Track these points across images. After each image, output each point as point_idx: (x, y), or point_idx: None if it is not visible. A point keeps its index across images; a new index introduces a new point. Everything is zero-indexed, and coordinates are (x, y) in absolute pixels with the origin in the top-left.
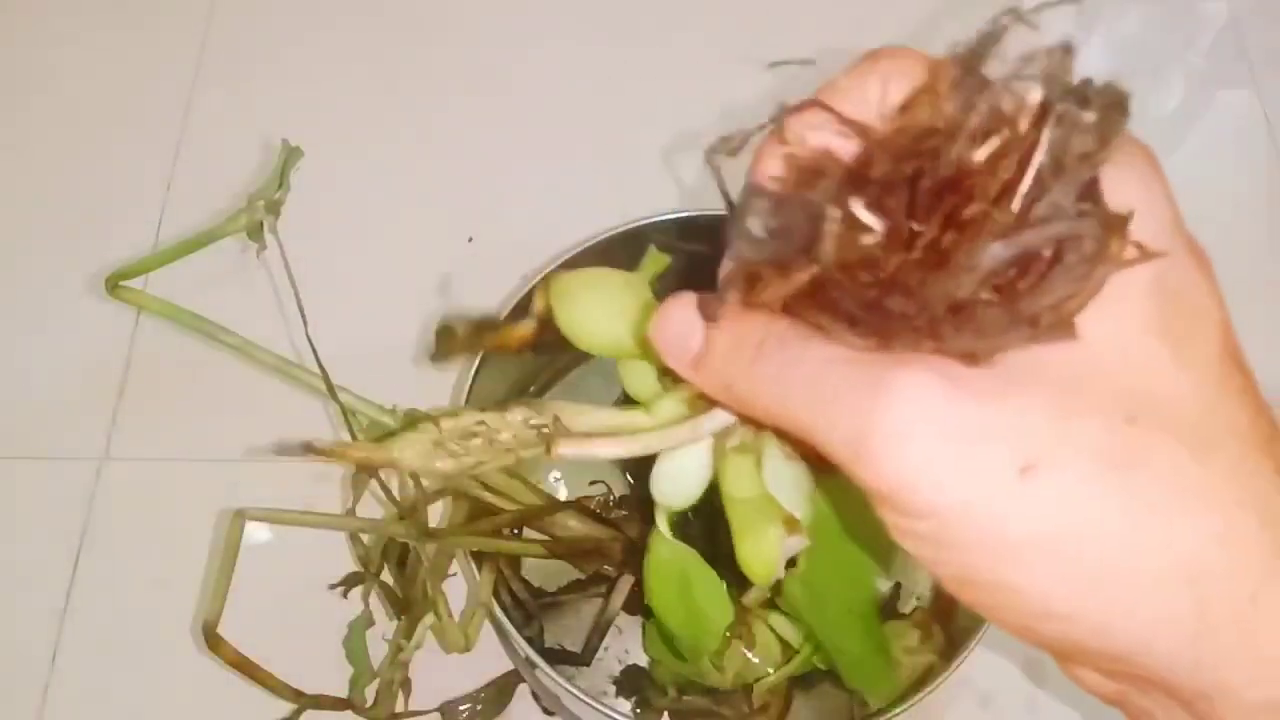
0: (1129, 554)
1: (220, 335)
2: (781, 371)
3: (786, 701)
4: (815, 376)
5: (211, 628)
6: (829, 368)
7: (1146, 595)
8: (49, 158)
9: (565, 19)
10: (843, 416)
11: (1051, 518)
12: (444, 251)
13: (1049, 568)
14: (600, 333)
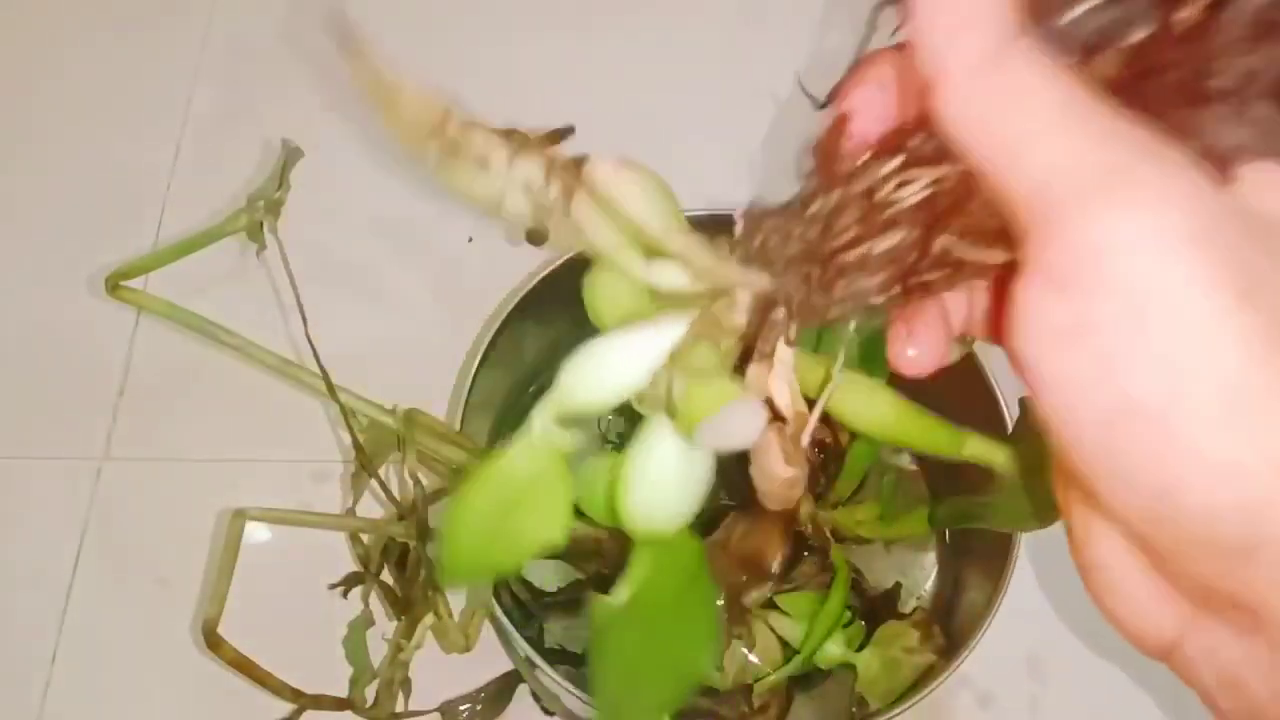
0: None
1: (220, 335)
2: (1011, 101)
3: (786, 701)
4: (1071, 115)
5: (211, 628)
6: (1089, 116)
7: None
8: (49, 158)
9: (565, 18)
10: (1073, 167)
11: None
12: (444, 251)
13: (1236, 420)
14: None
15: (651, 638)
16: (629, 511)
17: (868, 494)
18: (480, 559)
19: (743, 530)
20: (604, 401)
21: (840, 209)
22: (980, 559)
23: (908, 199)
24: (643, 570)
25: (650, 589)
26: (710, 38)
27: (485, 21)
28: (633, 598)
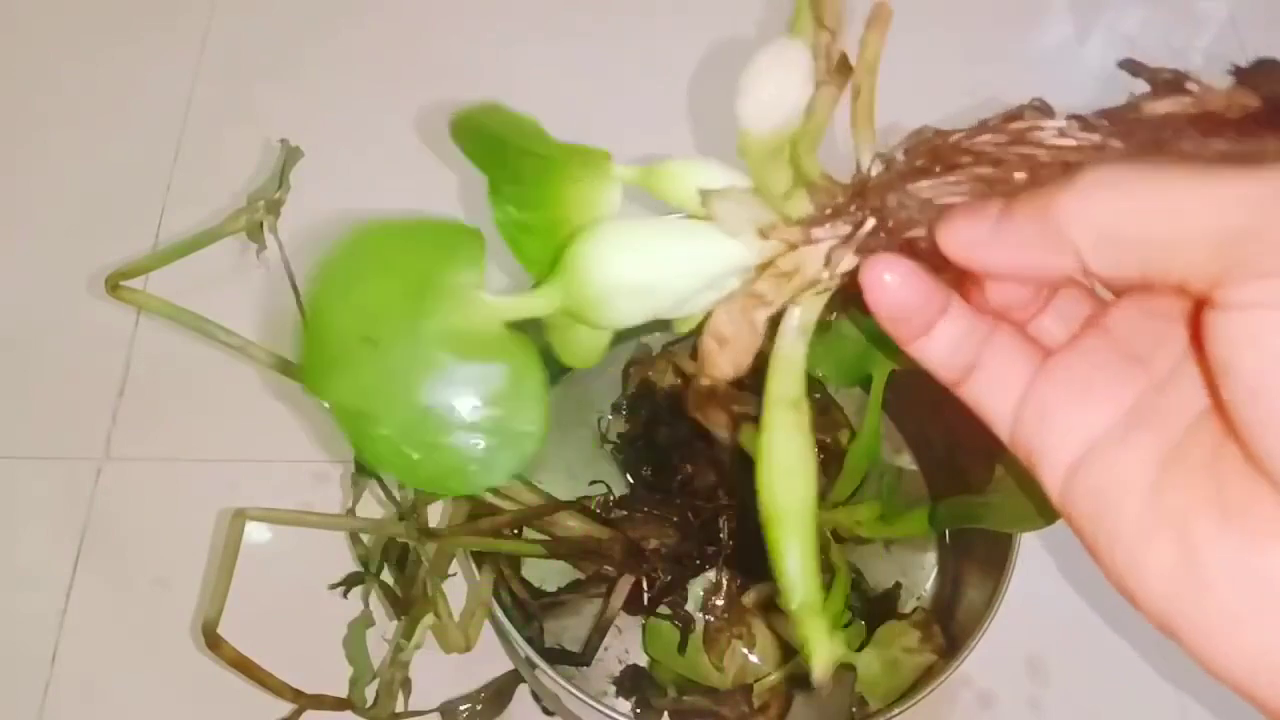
0: None
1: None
2: (1118, 195)
3: (786, 701)
4: (1162, 189)
5: (211, 628)
6: (1178, 178)
7: None
8: (49, 158)
9: (565, 18)
10: (1210, 217)
11: None
12: None
13: None
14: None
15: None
16: (587, 262)
17: (868, 494)
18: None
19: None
20: (643, 298)
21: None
22: (980, 559)
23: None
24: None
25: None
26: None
27: (485, 21)
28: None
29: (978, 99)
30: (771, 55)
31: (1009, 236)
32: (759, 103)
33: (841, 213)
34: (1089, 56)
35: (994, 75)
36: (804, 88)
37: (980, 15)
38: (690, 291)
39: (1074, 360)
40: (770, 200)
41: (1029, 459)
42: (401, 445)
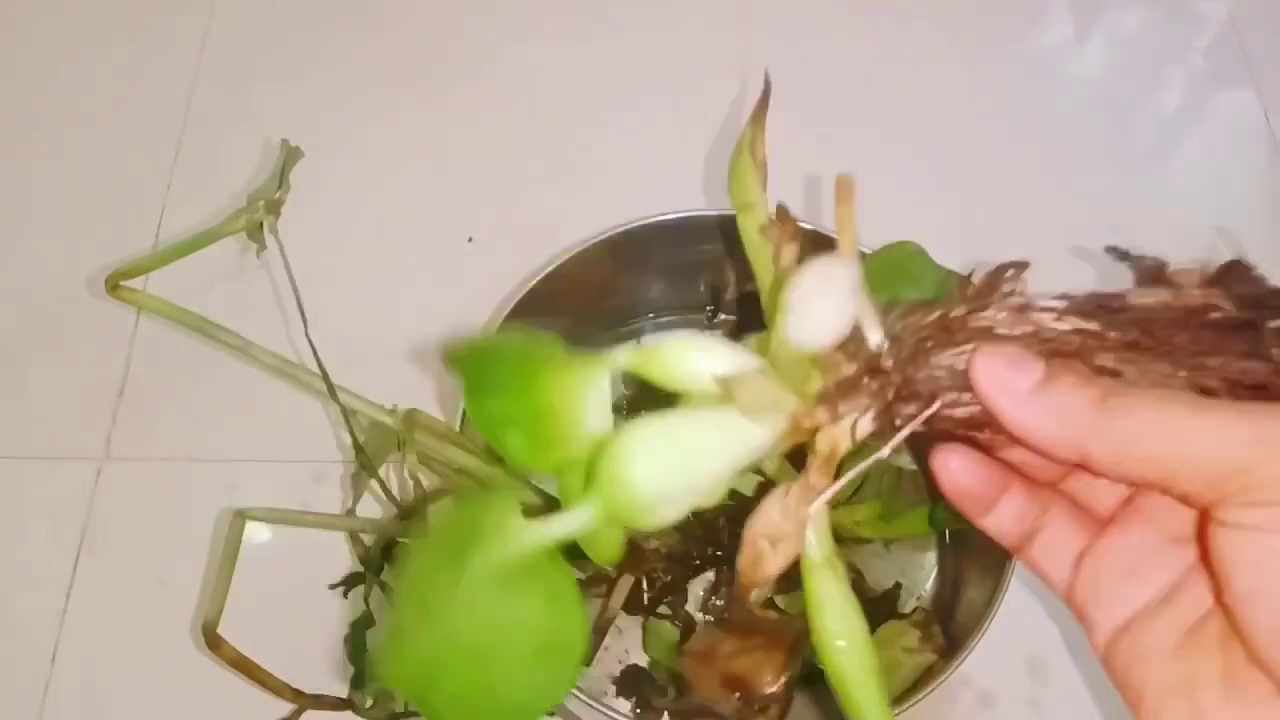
0: None
1: (220, 335)
2: (1134, 423)
3: (786, 701)
4: (1165, 421)
5: (211, 628)
6: (1178, 412)
7: None
8: (49, 158)
9: (565, 18)
10: (1204, 453)
11: None
12: (444, 251)
13: None
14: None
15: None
16: (626, 474)
17: (868, 494)
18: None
19: (731, 648)
20: (682, 497)
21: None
22: (980, 559)
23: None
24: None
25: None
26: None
27: (485, 21)
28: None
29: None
30: (819, 276)
31: (1042, 407)
32: (812, 324)
33: (856, 386)
34: (1089, 56)
35: (994, 75)
36: (851, 303)
37: (980, 15)
38: (724, 477)
39: (1121, 543)
40: (789, 382)
41: (1080, 618)
42: (465, 699)
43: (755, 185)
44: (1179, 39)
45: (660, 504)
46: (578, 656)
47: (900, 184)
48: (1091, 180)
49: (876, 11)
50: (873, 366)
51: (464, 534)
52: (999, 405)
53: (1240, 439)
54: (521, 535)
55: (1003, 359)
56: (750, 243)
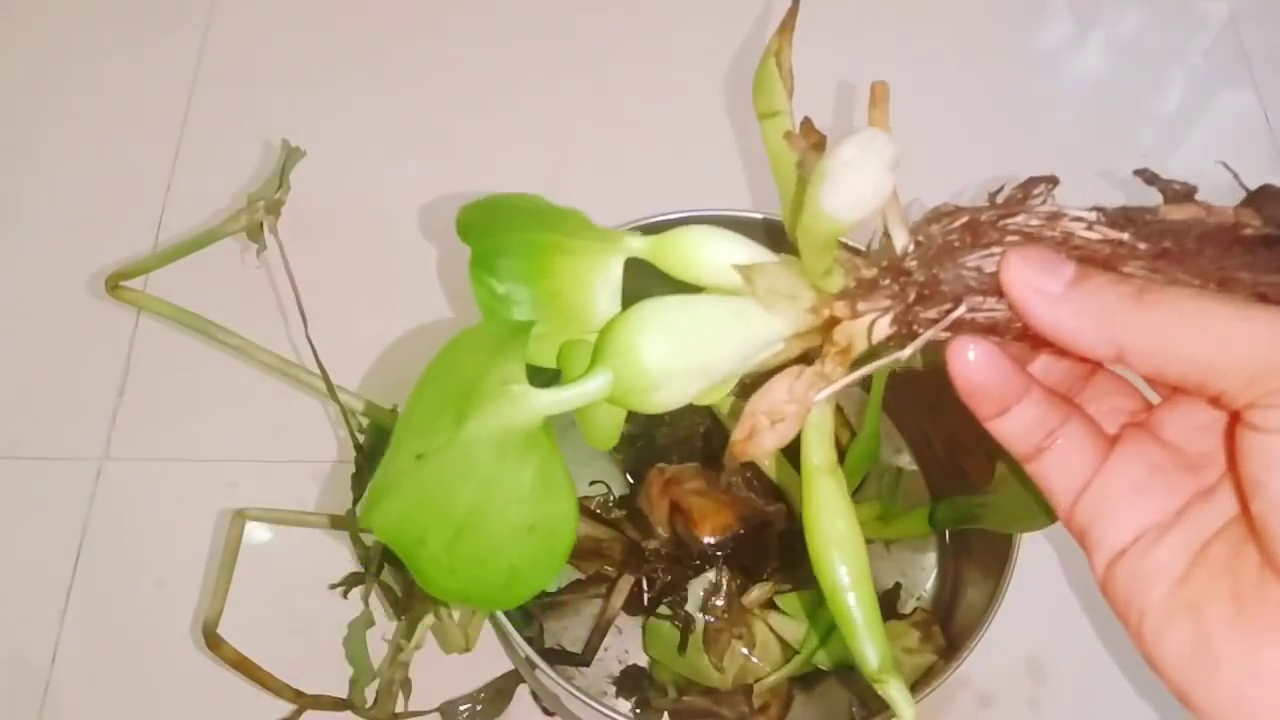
0: None
1: (220, 335)
2: (1174, 316)
3: (786, 701)
4: (1209, 318)
5: (211, 628)
6: (1223, 310)
7: None
8: (49, 158)
9: (564, 18)
10: (1248, 349)
11: None
12: (444, 251)
13: None
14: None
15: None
16: (637, 344)
17: (868, 494)
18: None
19: (697, 485)
20: (690, 378)
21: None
22: (980, 559)
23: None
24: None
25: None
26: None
27: (485, 21)
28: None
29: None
30: (859, 145)
31: (1074, 305)
32: (849, 194)
33: (877, 286)
34: (1089, 56)
35: (994, 75)
36: (890, 177)
37: (980, 15)
38: (734, 369)
39: (1132, 460)
40: (811, 275)
41: (1081, 538)
42: (450, 564)
43: (780, 92)
44: (1179, 39)
45: (668, 381)
46: (566, 544)
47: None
48: (1091, 180)
49: (874, 19)
50: (896, 266)
51: (469, 382)
52: (1031, 305)
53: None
54: (525, 401)
55: (1035, 257)
56: (774, 151)
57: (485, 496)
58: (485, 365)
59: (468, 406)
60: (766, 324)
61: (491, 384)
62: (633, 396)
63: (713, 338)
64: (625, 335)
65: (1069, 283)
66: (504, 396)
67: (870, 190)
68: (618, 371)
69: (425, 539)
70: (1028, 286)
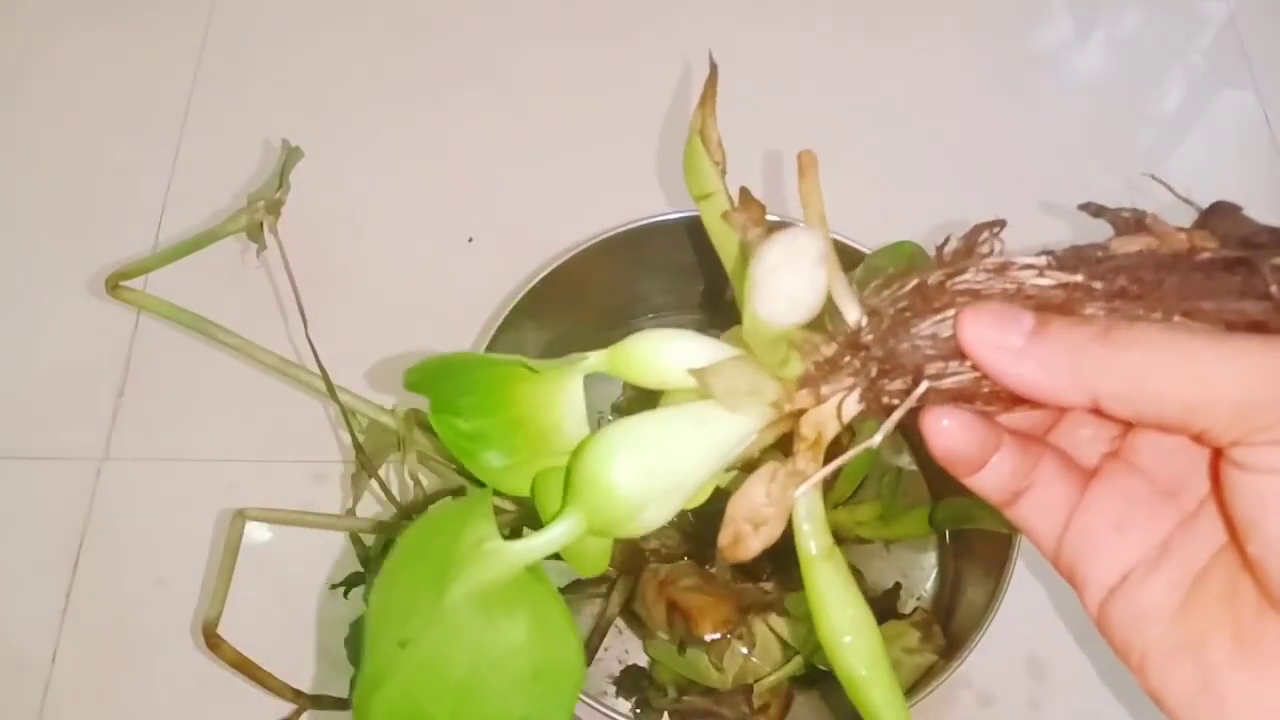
0: None
1: (220, 335)
2: (1146, 354)
3: (786, 701)
4: (1185, 354)
5: (211, 628)
6: (1198, 345)
7: None
8: (49, 158)
9: (564, 18)
10: (1232, 386)
11: None
12: (444, 251)
13: None
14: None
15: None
16: (605, 478)
17: (868, 494)
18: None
19: (691, 582)
20: (666, 498)
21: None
22: (980, 559)
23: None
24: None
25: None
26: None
27: (485, 22)
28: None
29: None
30: (783, 247)
31: (1039, 356)
32: (785, 299)
33: (838, 365)
34: (1089, 56)
35: (993, 75)
36: (820, 274)
37: (980, 15)
38: (708, 475)
39: (1110, 495)
40: (767, 367)
41: (1069, 578)
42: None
43: (712, 172)
44: (1179, 39)
45: (644, 508)
46: (575, 679)
47: (898, 184)
48: (1091, 180)
49: (876, 10)
50: (852, 343)
51: (438, 556)
52: (994, 363)
53: (1266, 368)
54: (500, 556)
55: (990, 315)
56: (715, 232)
57: (479, 658)
58: (454, 535)
59: (444, 578)
60: (732, 425)
61: (464, 548)
62: (613, 528)
63: (681, 451)
64: (592, 469)
65: (1029, 334)
66: (479, 557)
67: (805, 290)
68: (593, 507)
69: (428, 716)
70: (987, 345)
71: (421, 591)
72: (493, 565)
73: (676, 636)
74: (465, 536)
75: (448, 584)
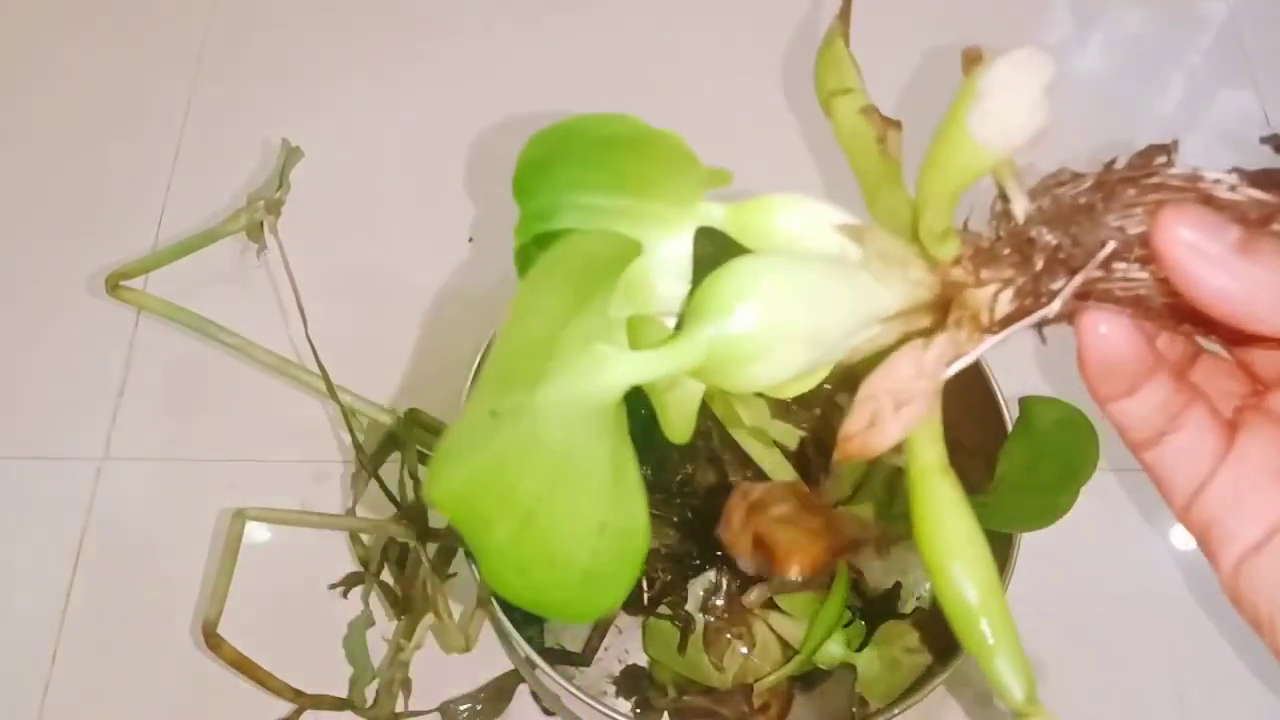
0: None
1: (220, 335)
2: None
3: (786, 701)
4: None
5: (211, 628)
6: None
7: None
8: (49, 158)
9: (563, 18)
10: None
11: None
12: (444, 251)
13: None
14: None
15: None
16: (738, 301)
17: (867, 494)
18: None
19: (785, 510)
20: (794, 347)
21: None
22: None
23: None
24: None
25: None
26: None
27: (484, 21)
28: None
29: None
30: (1014, 64)
31: (1245, 269)
32: (1002, 119)
33: (998, 256)
34: (1089, 56)
35: None
36: (1047, 104)
37: (980, 15)
38: (838, 343)
39: (1265, 448)
40: (926, 237)
41: (1202, 533)
42: (518, 559)
43: (850, 69)
44: (1179, 39)
45: (770, 348)
46: (640, 547)
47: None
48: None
49: (875, 12)
50: (1018, 234)
51: (554, 323)
52: (1191, 268)
53: None
54: (606, 366)
55: (1195, 215)
56: (848, 133)
57: (555, 481)
58: (572, 305)
59: (548, 361)
60: (876, 294)
61: (573, 338)
62: (729, 368)
63: (820, 302)
64: (728, 290)
65: (1235, 246)
66: (585, 357)
67: (1026, 115)
68: (716, 335)
69: (493, 522)
70: (1187, 246)
71: (528, 359)
72: (596, 376)
73: (761, 569)
74: (579, 322)
75: (550, 370)
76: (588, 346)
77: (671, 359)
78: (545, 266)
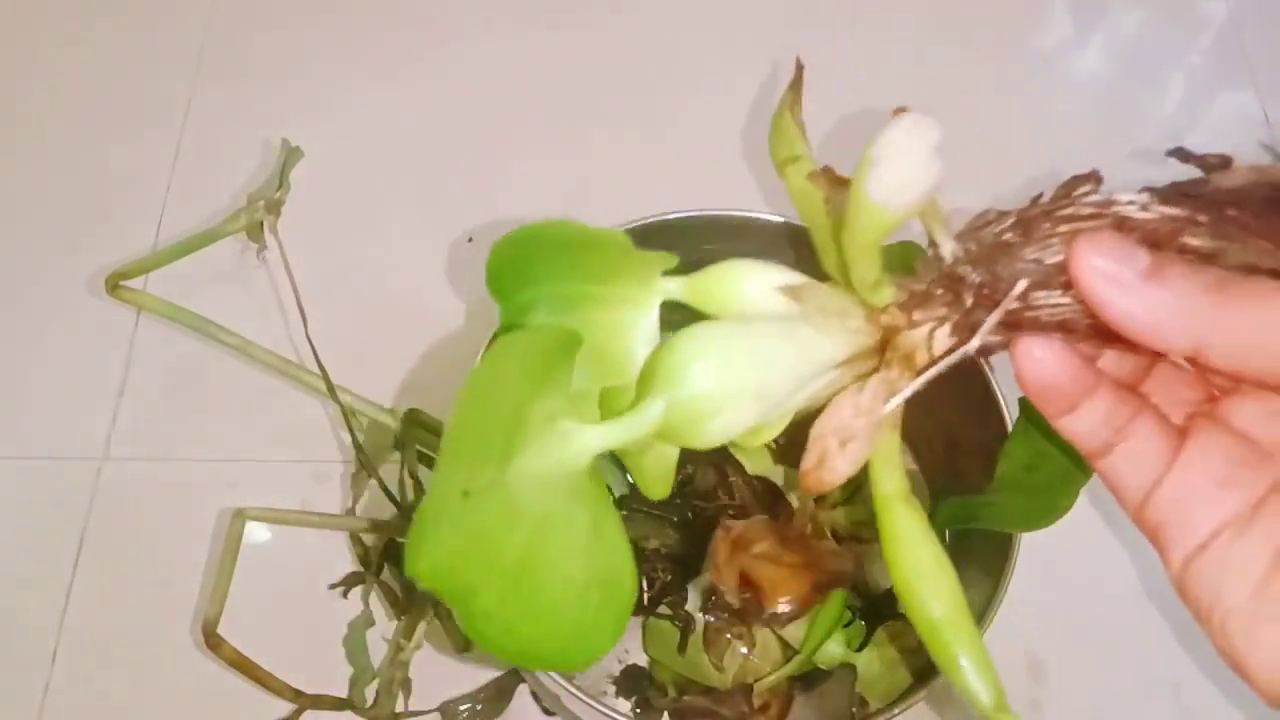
0: None
1: (220, 335)
2: (1265, 311)
3: (786, 701)
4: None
5: (211, 628)
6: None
7: None
8: (49, 158)
9: (563, 18)
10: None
11: None
12: (444, 251)
13: None
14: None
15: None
16: (688, 368)
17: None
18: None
19: (768, 546)
20: (747, 404)
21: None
22: (980, 559)
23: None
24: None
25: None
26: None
27: (484, 21)
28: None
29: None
30: (902, 129)
31: (1148, 296)
32: (897, 180)
33: (930, 296)
34: (1089, 56)
35: (993, 75)
36: (936, 160)
37: (980, 15)
38: (789, 395)
39: (1211, 454)
40: (860, 289)
41: (1153, 534)
42: (505, 620)
43: (799, 138)
44: (1179, 39)
45: (723, 406)
46: (628, 600)
47: None
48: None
49: (876, 12)
50: (948, 274)
51: (514, 408)
52: (1103, 294)
53: None
54: (571, 441)
55: (1107, 244)
56: (800, 195)
57: (536, 545)
58: (530, 389)
59: (514, 441)
60: (819, 345)
61: (536, 417)
62: (686, 428)
63: (766, 359)
64: (676, 359)
65: (1143, 272)
66: (551, 434)
67: (919, 174)
68: (671, 400)
69: (477, 590)
70: (1098, 274)
71: (491, 443)
72: (562, 448)
73: (748, 606)
74: (539, 402)
75: (517, 448)
76: (552, 423)
77: (632, 426)
78: (497, 357)
